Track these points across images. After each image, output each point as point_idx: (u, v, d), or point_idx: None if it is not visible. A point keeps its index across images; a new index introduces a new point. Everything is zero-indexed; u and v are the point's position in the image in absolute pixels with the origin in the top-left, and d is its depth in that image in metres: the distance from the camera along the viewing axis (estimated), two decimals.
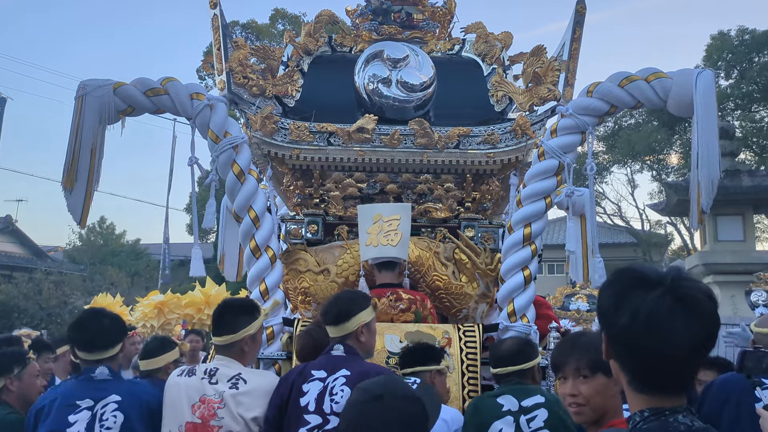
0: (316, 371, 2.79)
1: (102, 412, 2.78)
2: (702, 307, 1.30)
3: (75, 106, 3.82)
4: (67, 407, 2.78)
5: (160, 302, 8.49)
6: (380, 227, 4.00)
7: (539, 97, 4.20)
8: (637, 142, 21.81)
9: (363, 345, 2.92)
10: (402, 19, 4.79)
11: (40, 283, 20.95)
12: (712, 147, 3.56)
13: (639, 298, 1.30)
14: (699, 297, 1.30)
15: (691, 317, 1.28)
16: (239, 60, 4.19)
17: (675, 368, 1.31)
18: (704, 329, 1.30)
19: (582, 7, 4.13)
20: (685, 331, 1.28)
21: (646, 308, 1.29)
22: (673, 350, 1.28)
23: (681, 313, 1.28)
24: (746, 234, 11.03)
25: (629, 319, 1.29)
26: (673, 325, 1.28)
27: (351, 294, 3.13)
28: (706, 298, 1.32)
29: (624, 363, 1.35)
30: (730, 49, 21.10)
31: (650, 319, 1.28)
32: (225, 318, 2.93)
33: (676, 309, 1.28)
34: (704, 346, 1.31)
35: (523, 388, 2.94)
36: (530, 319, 3.90)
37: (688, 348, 1.28)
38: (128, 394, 2.85)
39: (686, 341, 1.28)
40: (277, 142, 4.25)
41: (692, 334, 1.28)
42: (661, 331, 1.28)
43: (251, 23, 24.49)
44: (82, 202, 3.84)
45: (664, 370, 1.30)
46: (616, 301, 1.33)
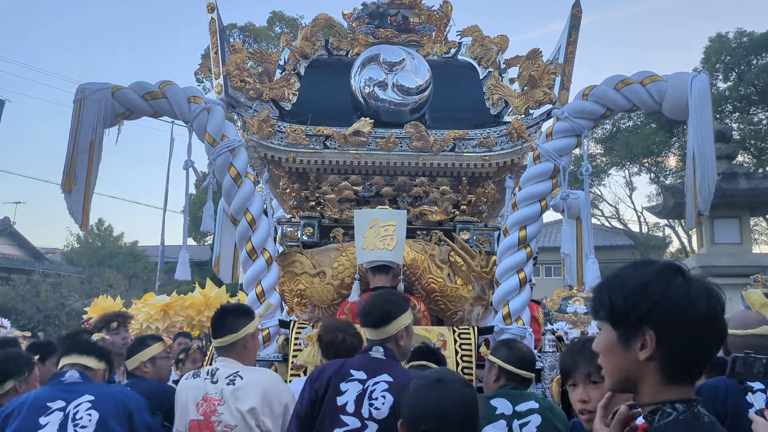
0: (356, 371, 2.70)
1: (75, 412, 2.74)
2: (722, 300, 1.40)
3: (73, 110, 3.84)
4: (37, 409, 2.74)
5: (166, 304, 8.44)
6: (376, 231, 4.01)
7: (535, 100, 4.22)
8: (635, 145, 21.82)
9: (402, 349, 2.84)
10: (398, 23, 4.81)
11: (38, 285, 20.94)
12: (708, 150, 3.57)
13: (702, 290, 1.34)
14: (706, 290, 1.38)
15: (717, 301, 1.36)
16: (236, 63, 4.21)
17: (706, 358, 1.36)
18: (723, 318, 1.39)
19: (578, 11, 4.15)
20: (724, 320, 1.36)
21: (712, 299, 1.34)
22: (725, 338, 1.37)
23: (718, 305, 1.35)
24: (743, 237, 11.01)
25: (706, 308, 1.32)
26: (722, 315, 1.36)
27: (391, 296, 3.01)
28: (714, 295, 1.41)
29: (675, 352, 1.32)
30: (728, 52, 21.11)
31: (717, 308, 1.34)
32: (225, 320, 3.02)
33: (716, 299, 1.35)
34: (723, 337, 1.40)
35: (518, 392, 2.94)
36: (525, 321, 3.92)
37: (724, 336, 1.37)
38: (102, 393, 2.83)
39: (726, 329, 1.38)
40: (273, 145, 4.27)
41: (723, 319, 1.36)
42: (723, 319, 1.36)
43: (249, 26, 24.51)
44: (82, 204, 3.85)
45: (711, 358, 1.36)
46: (685, 291, 1.33)
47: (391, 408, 2.58)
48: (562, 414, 3.01)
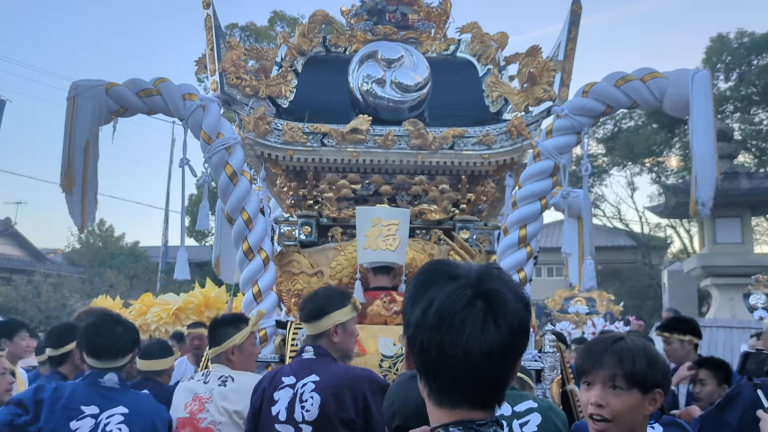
0: (286, 377, 2.72)
1: (107, 423, 2.67)
2: (506, 308, 1.13)
3: (67, 107, 3.80)
4: (71, 410, 2.67)
5: (178, 308, 8.36)
6: (379, 231, 3.95)
7: (535, 98, 4.18)
8: (637, 145, 21.81)
9: (336, 346, 2.82)
10: (397, 20, 4.76)
11: (39, 285, 20.97)
12: (709, 145, 3.53)
13: (434, 291, 1.15)
14: (505, 296, 1.14)
15: (490, 318, 1.12)
16: (232, 60, 4.16)
17: (471, 375, 1.13)
18: (503, 334, 1.12)
19: (578, 7, 4.10)
20: (479, 333, 1.11)
21: (438, 301, 1.14)
22: (463, 352, 1.11)
23: (479, 312, 1.12)
24: (744, 236, 11.00)
25: (420, 314, 1.14)
26: (466, 324, 1.11)
27: (328, 291, 3.04)
28: (513, 299, 1.15)
29: (419, 369, 1.19)
30: (729, 52, 21.10)
31: (441, 313, 1.12)
32: (215, 332, 3.17)
33: (474, 306, 1.12)
34: (503, 354, 1.13)
35: (515, 393, 2.91)
36: None
37: (481, 352, 1.11)
38: (135, 407, 2.75)
39: (479, 344, 1.11)
40: (270, 143, 4.22)
41: (488, 337, 1.11)
42: (450, 328, 1.12)
43: (250, 25, 24.53)
44: (80, 205, 3.80)
45: (458, 376, 1.13)
46: (412, 294, 1.19)
47: (320, 407, 2.59)
48: (562, 413, 2.98)
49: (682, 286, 13.44)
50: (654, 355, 1.87)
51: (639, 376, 1.79)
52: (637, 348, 1.85)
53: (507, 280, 1.19)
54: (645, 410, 1.83)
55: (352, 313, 2.93)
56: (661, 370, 1.86)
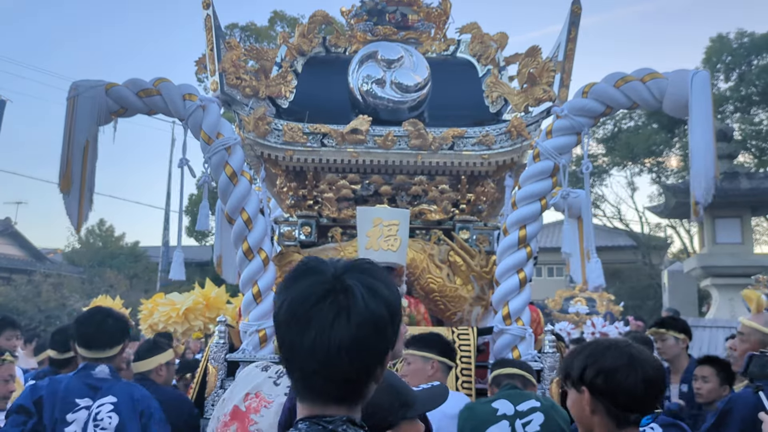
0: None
1: (98, 412, 2.77)
2: (357, 303, 1.09)
3: (67, 107, 3.80)
4: (67, 404, 2.78)
5: (187, 308, 8.34)
6: (380, 231, 3.94)
7: (534, 98, 4.18)
8: (637, 145, 21.78)
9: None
10: (397, 20, 4.76)
11: (39, 285, 20.93)
12: (708, 145, 3.53)
13: (295, 286, 1.14)
14: (358, 291, 1.10)
15: (342, 314, 1.08)
16: (232, 60, 4.16)
17: (322, 371, 1.10)
18: (352, 330, 1.08)
19: (577, 7, 4.10)
20: (329, 328, 1.08)
21: (291, 297, 1.12)
22: (312, 348, 1.08)
23: (329, 307, 1.09)
24: (744, 237, 11.00)
25: (277, 310, 1.15)
26: (315, 319, 1.08)
27: None
28: (368, 294, 1.11)
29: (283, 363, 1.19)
30: (729, 52, 21.08)
31: (292, 308, 1.11)
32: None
33: (325, 301, 1.09)
34: (354, 351, 1.09)
35: (518, 393, 2.91)
36: (525, 322, 3.87)
37: (329, 348, 1.07)
38: (125, 395, 2.84)
39: (328, 340, 1.07)
40: (270, 143, 4.22)
41: (336, 333, 1.07)
42: (300, 323, 1.10)
43: (250, 25, 24.52)
44: (77, 205, 3.80)
45: (310, 371, 1.11)
46: (278, 291, 1.18)
47: None
48: (564, 412, 2.98)
49: (682, 286, 13.44)
50: (579, 351, 1.90)
51: (565, 373, 1.86)
52: (581, 347, 1.93)
53: (370, 275, 1.15)
54: (585, 410, 1.82)
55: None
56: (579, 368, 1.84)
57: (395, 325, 1.15)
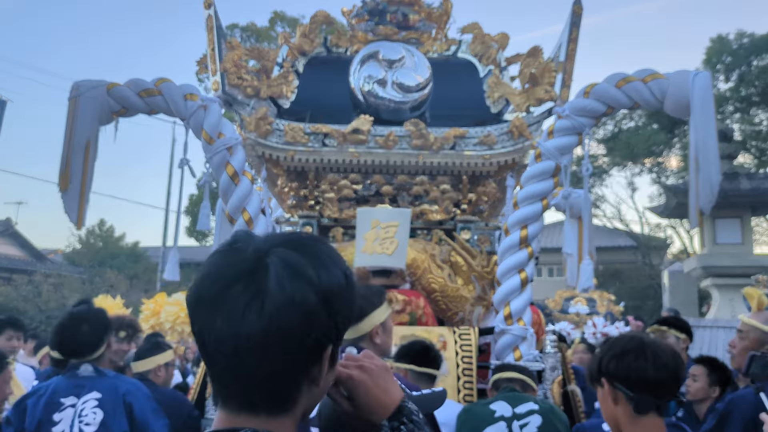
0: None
1: (82, 409, 2.79)
2: (272, 286, 0.88)
3: (68, 107, 3.80)
4: (52, 405, 2.80)
5: None
6: (377, 233, 3.93)
7: (536, 99, 4.18)
8: (637, 145, 21.77)
9: (379, 347, 2.65)
10: (398, 20, 4.76)
11: (40, 285, 20.93)
12: (711, 148, 3.52)
13: (209, 261, 0.94)
14: (275, 271, 0.89)
15: (254, 299, 0.87)
16: (233, 61, 4.17)
17: (229, 369, 0.90)
18: (264, 321, 0.86)
19: (579, 8, 4.11)
20: (238, 317, 0.87)
21: (202, 272, 0.93)
22: (216, 339, 0.89)
23: (240, 291, 0.88)
24: (744, 237, 11.00)
25: (188, 293, 0.94)
26: (223, 304, 0.88)
27: (364, 290, 2.79)
28: (290, 276, 0.89)
29: None
30: (729, 53, 21.08)
31: (200, 287, 0.92)
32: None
33: (237, 283, 0.88)
34: (265, 347, 0.87)
35: (516, 395, 2.91)
36: (526, 322, 3.87)
37: (235, 341, 0.87)
38: (108, 390, 2.85)
39: (234, 331, 0.87)
40: (271, 143, 4.22)
41: (245, 322, 0.86)
42: (208, 310, 0.90)
43: (250, 26, 24.52)
44: (77, 204, 3.80)
45: (218, 369, 0.92)
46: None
47: None
48: (563, 415, 2.98)
49: (683, 286, 13.43)
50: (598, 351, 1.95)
51: (589, 375, 1.88)
52: (607, 345, 1.94)
53: (298, 250, 0.92)
54: (608, 403, 1.85)
55: (388, 309, 2.79)
56: (597, 360, 1.90)
57: (333, 313, 0.92)
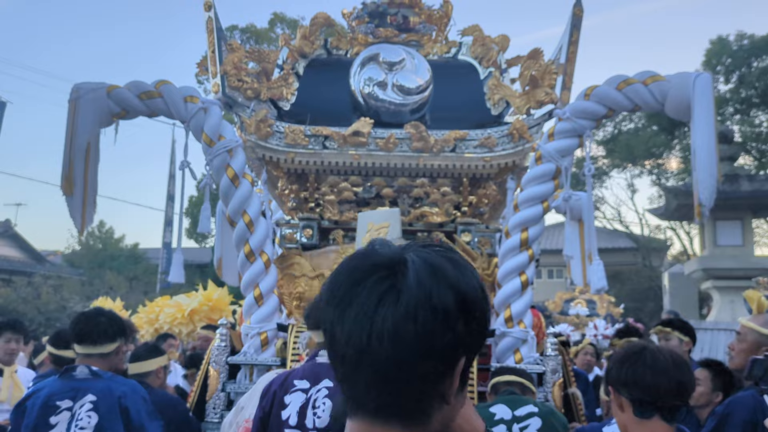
0: (299, 381, 2.65)
1: (78, 412, 2.79)
2: (412, 282, 0.85)
3: (68, 110, 3.79)
4: (49, 408, 2.80)
5: (192, 309, 8.34)
6: (371, 237, 3.93)
7: (536, 101, 4.17)
8: (637, 147, 21.78)
9: None
10: (398, 22, 4.76)
11: (39, 287, 20.92)
12: (711, 147, 3.52)
13: (344, 263, 0.94)
14: (413, 267, 0.87)
15: (389, 293, 0.85)
16: (234, 63, 4.16)
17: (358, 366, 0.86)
18: (400, 315, 0.84)
19: (579, 10, 4.10)
20: (371, 311, 0.84)
21: (336, 271, 0.93)
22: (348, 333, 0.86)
23: (374, 284, 0.86)
24: (745, 239, 10.99)
25: (321, 292, 0.93)
26: (357, 298, 0.86)
27: None
28: (430, 274, 0.86)
29: None
30: (729, 54, 21.09)
31: (333, 283, 0.91)
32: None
33: (371, 276, 0.86)
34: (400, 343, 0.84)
35: (516, 398, 2.91)
36: (527, 324, 3.86)
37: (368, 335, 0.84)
38: (103, 392, 2.84)
39: (368, 325, 0.84)
40: (272, 145, 4.21)
41: (379, 317, 0.84)
42: (340, 303, 0.88)
43: (250, 27, 24.54)
44: (81, 207, 3.80)
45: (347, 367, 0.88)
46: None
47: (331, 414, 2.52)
48: (563, 418, 2.98)
49: (683, 288, 13.42)
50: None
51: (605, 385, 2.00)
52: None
53: (436, 251, 0.91)
54: (616, 410, 1.93)
55: None
56: (606, 371, 2.03)
57: (469, 320, 0.87)
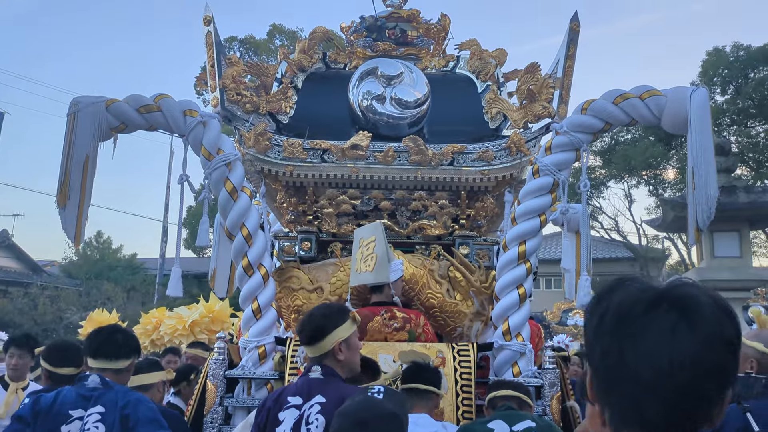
0: (292, 397, 2.65)
1: (86, 423, 2.81)
2: (700, 312, 1.00)
3: (67, 123, 3.80)
4: (61, 416, 2.82)
5: (193, 321, 8.32)
6: (361, 252, 3.94)
7: (533, 114, 4.19)
8: (634, 158, 21.85)
9: (343, 363, 2.74)
10: (396, 36, 4.79)
11: (36, 298, 20.87)
12: (708, 165, 3.53)
13: (615, 295, 1.07)
14: (698, 299, 1.02)
15: (681, 322, 0.98)
16: (233, 77, 4.18)
17: (655, 390, 0.99)
18: (697, 343, 0.98)
19: (576, 25, 4.13)
20: (667, 339, 0.98)
21: (616, 303, 1.05)
22: (647, 361, 0.98)
23: (664, 314, 1.00)
24: (743, 250, 10.98)
25: (598, 319, 1.07)
26: (650, 327, 0.99)
27: (325, 309, 2.91)
28: (710, 303, 1.01)
29: (598, 389, 1.08)
30: (725, 66, 21.21)
31: (619, 314, 1.03)
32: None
33: (658, 308, 1.00)
34: (697, 369, 0.98)
35: (513, 413, 2.91)
36: (525, 337, 3.87)
37: (668, 363, 0.97)
38: (111, 404, 2.86)
39: (667, 353, 0.97)
40: (270, 158, 4.23)
41: (677, 344, 0.97)
42: (631, 332, 1.01)
43: (249, 38, 24.64)
44: (75, 220, 3.79)
45: (640, 391, 1.00)
46: (593, 303, 1.11)
47: (325, 429, 2.51)
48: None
49: None
50: None
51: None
52: None
53: (702, 287, 1.05)
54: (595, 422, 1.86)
55: (352, 327, 2.82)
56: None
57: (736, 359, 1.01)
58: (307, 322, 2.80)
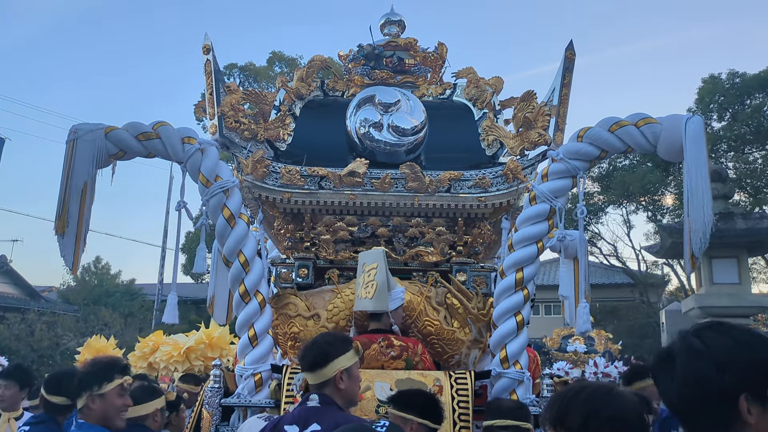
0: (289, 426, 2.63)
1: None
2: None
3: (66, 151, 3.82)
4: None
5: (189, 348, 8.26)
6: (363, 278, 3.94)
7: (530, 142, 4.21)
8: (632, 183, 21.92)
9: (343, 393, 2.72)
10: (394, 64, 4.84)
11: (33, 323, 20.71)
12: (704, 193, 3.54)
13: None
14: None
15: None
16: (231, 104, 4.21)
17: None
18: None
19: (571, 53, 4.17)
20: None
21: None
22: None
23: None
24: (741, 277, 10.94)
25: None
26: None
27: (329, 337, 2.91)
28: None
29: None
30: (721, 92, 21.39)
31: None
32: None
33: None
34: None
35: None
36: (523, 365, 3.84)
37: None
38: None
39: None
40: (268, 185, 4.24)
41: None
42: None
43: (249, 65, 24.86)
44: (73, 247, 3.79)
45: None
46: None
47: None
48: None
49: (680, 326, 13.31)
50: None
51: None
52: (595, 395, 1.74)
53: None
54: None
55: (355, 357, 2.81)
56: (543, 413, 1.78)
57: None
58: (310, 349, 2.79)
